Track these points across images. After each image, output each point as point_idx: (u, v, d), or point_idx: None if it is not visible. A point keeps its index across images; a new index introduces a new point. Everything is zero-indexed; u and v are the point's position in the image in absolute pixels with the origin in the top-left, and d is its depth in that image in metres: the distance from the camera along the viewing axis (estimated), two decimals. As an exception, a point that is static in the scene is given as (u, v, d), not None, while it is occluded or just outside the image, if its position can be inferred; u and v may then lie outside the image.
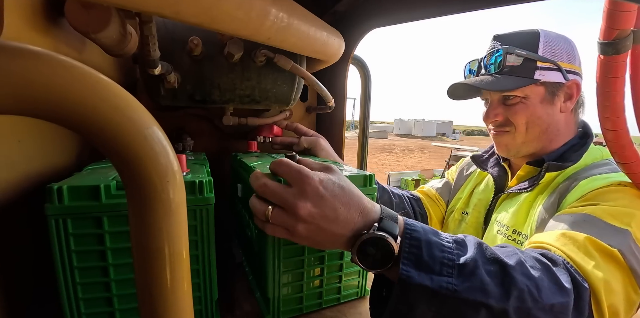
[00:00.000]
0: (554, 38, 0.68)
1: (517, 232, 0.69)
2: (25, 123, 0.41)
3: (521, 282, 0.38)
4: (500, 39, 0.72)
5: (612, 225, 0.51)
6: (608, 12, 0.44)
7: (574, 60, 0.69)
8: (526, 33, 0.69)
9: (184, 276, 0.24)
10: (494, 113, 0.74)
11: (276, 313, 0.48)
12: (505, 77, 0.68)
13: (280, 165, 0.39)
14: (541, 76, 0.67)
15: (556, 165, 0.68)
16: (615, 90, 0.50)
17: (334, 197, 0.38)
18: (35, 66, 0.18)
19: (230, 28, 0.42)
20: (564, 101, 0.70)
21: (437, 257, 0.36)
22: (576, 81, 0.69)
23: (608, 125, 0.53)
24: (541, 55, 0.67)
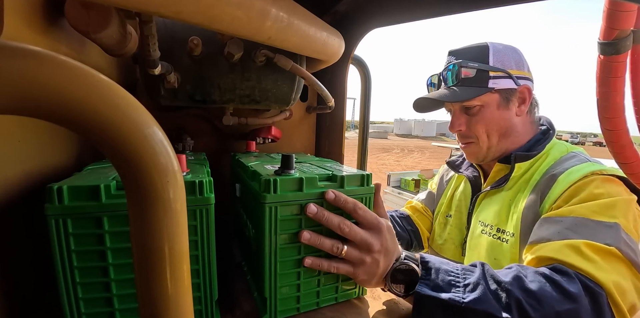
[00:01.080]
0: (501, 49, 0.75)
1: (501, 230, 0.72)
2: (25, 123, 0.41)
3: (517, 294, 0.45)
4: (455, 53, 0.79)
5: (601, 221, 0.57)
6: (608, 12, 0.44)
7: (522, 67, 0.76)
8: (477, 47, 0.76)
9: (184, 276, 0.24)
10: (457, 123, 0.79)
11: (273, 313, 0.48)
12: (462, 88, 0.74)
13: (360, 210, 0.47)
14: (494, 84, 0.73)
15: (523, 155, 0.74)
16: (615, 90, 0.50)
17: (391, 239, 0.49)
18: (35, 66, 0.18)
19: (230, 28, 0.42)
20: (518, 105, 0.77)
21: (446, 280, 0.47)
22: (527, 86, 0.75)
23: (608, 125, 0.53)
24: (492, 66, 0.74)
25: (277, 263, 0.46)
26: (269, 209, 0.44)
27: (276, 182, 0.44)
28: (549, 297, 0.46)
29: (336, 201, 0.46)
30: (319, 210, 0.45)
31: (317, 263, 0.47)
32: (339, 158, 1.04)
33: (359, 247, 0.47)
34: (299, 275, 0.48)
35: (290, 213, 0.45)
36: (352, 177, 0.49)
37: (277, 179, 0.44)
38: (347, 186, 0.49)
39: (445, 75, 0.77)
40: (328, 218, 0.46)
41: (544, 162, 0.72)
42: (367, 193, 0.51)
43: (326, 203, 0.47)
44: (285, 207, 0.45)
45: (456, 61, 0.75)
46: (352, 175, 0.49)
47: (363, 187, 0.50)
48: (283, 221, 0.45)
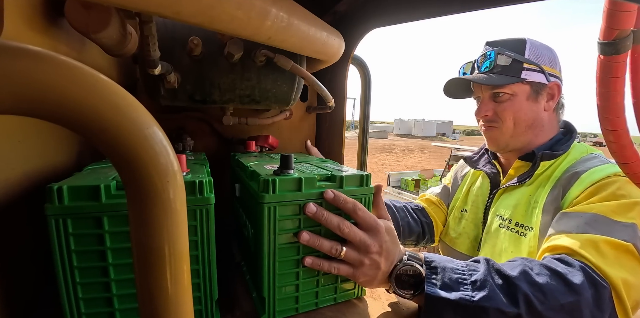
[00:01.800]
0: (538, 45, 0.78)
1: (520, 224, 0.73)
2: (25, 123, 0.41)
3: (525, 289, 0.46)
4: (492, 44, 0.81)
5: (619, 221, 0.58)
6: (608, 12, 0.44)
7: (555, 65, 0.78)
8: (515, 40, 0.79)
9: (184, 276, 0.24)
10: (485, 108, 0.81)
11: (272, 313, 0.48)
12: (495, 75, 0.76)
13: (359, 210, 0.47)
14: (527, 76, 0.75)
15: (549, 154, 0.75)
16: (615, 90, 0.50)
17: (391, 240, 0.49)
18: (35, 66, 0.18)
19: (230, 28, 0.42)
20: (546, 101, 0.79)
21: (453, 278, 0.47)
22: (557, 83, 0.77)
23: (608, 125, 0.53)
24: (527, 58, 0.75)
25: (275, 263, 0.46)
26: (268, 209, 0.44)
27: (275, 182, 0.44)
28: (554, 289, 0.47)
29: (335, 201, 0.46)
30: (319, 210, 0.45)
31: (318, 263, 0.47)
32: (339, 158, 1.04)
33: (357, 248, 0.47)
34: (298, 275, 0.48)
35: (289, 213, 0.45)
36: (351, 178, 0.49)
37: (275, 179, 0.44)
38: (346, 186, 0.49)
39: (481, 62, 0.79)
40: (327, 218, 0.46)
41: (565, 160, 0.74)
42: (366, 193, 0.50)
43: (325, 203, 0.47)
44: (284, 207, 0.45)
45: (493, 48, 0.77)
46: (351, 176, 0.49)
47: (362, 188, 0.50)
48: (282, 221, 0.45)
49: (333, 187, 0.48)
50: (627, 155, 0.54)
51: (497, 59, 0.75)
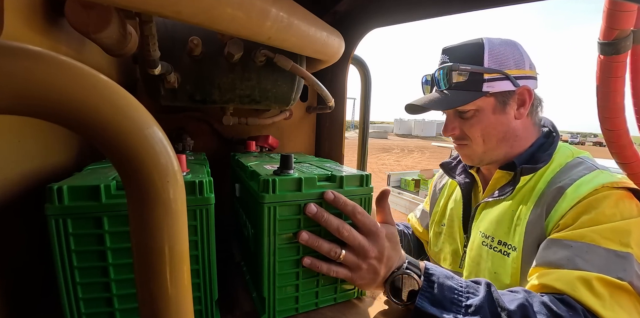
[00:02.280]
0: (498, 46, 0.68)
1: (503, 242, 0.68)
2: (25, 123, 0.41)
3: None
4: (448, 52, 0.73)
5: (613, 250, 0.53)
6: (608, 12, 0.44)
7: (522, 65, 0.69)
8: (471, 45, 0.70)
9: (184, 276, 0.24)
10: (451, 127, 0.75)
11: (272, 313, 0.48)
12: (454, 92, 0.69)
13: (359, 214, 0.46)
14: (489, 88, 0.67)
15: (529, 168, 0.68)
16: (615, 90, 0.50)
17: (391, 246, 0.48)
18: (35, 66, 0.18)
19: (230, 28, 0.42)
20: (517, 108, 0.71)
21: (448, 297, 0.45)
22: (527, 87, 0.69)
23: (608, 125, 0.53)
24: (487, 67, 0.67)
25: (275, 263, 0.46)
26: (268, 209, 0.44)
27: (275, 182, 0.44)
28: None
29: (335, 202, 0.45)
30: (319, 211, 0.45)
31: (316, 264, 0.46)
32: (339, 158, 1.04)
33: (356, 252, 0.46)
34: (298, 275, 0.48)
35: (289, 213, 0.45)
36: (351, 178, 0.49)
37: (275, 179, 0.44)
38: (346, 186, 0.49)
39: (437, 77, 0.73)
40: (327, 219, 0.45)
41: (549, 169, 0.68)
42: (366, 193, 0.50)
43: (325, 204, 0.47)
44: (284, 207, 0.45)
45: (447, 64, 0.70)
46: (351, 176, 0.49)
47: (362, 188, 0.50)
48: (282, 221, 0.45)
49: (333, 187, 0.48)
50: (627, 155, 0.54)
51: (451, 75, 0.68)
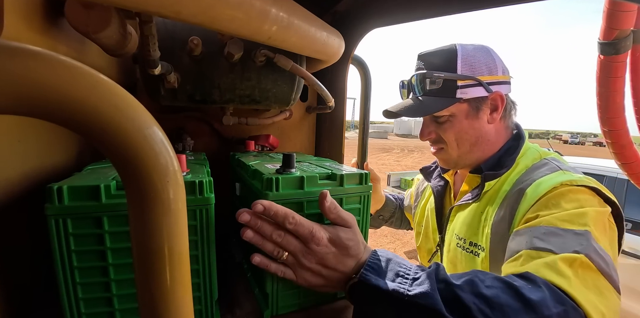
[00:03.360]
0: (471, 52, 0.70)
1: (473, 243, 0.70)
2: (25, 123, 0.41)
3: (468, 300, 0.39)
4: (423, 58, 0.75)
5: (570, 229, 0.52)
6: (608, 12, 0.44)
7: (495, 70, 0.71)
8: (445, 52, 0.72)
9: (184, 276, 0.24)
10: (427, 131, 0.78)
11: (275, 309, 0.48)
12: (429, 98, 0.71)
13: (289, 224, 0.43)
14: (463, 94, 0.69)
15: (491, 174, 0.70)
16: (615, 90, 0.50)
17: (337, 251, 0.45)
18: (35, 66, 0.18)
19: (230, 28, 0.42)
20: (490, 113, 0.73)
21: (394, 269, 0.42)
22: (499, 93, 0.71)
23: (608, 125, 0.53)
24: (460, 74, 0.69)
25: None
26: None
27: (278, 181, 0.44)
28: (505, 304, 0.39)
29: (266, 213, 0.42)
30: (252, 219, 0.43)
31: (265, 263, 0.44)
32: (339, 158, 1.04)
33: (295, 256, 0.44)
34: None
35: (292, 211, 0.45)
36: (351, 176, 0.50)
37: (279, 178, 0.44)
38: (346, 184, 0.49)
39: (413, 84, 0.75)
40: (261, 227, 0.43)
41: (514, 171, 0.70)
42: (365, 191, 0.51)
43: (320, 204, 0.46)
44: (287, 205, 0.45)
45: (421, 71, 0.72)
46: (351, 174, 0.50)
47: (361, 186, 0.51)
48: None
49: (334, 185, 0.48)
50: (627, 155, 0.54)
51: (425, 82, 0.70)
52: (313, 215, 0.48)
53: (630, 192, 2.17)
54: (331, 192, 0.48)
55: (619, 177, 2.22)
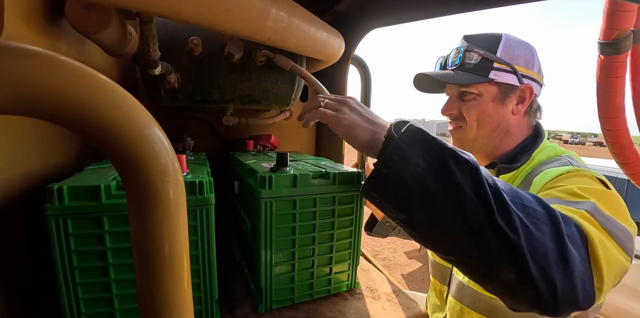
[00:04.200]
0: (514, 43, 0.72)
1: None
2: (25, 123, 0.41)
3: (492, 181, 0.40)
4: (468, 38, 0.76)
5: (574, 201, 0.51)
6: (608, 12, 0.44)
7: (532, 66, 0.73)
8: (490, 35, 0.73)
9: (184, 276, 0.24)
10: (450, 106, 0.77)
11: (269, 303, 0.50)
12: (463, 73, 0.72)
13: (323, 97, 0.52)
14: (495, 76, 0.70)
15: (505, 168, 0.71)
16: (615, 90, 0.50)
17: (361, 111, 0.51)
18: (35, 66, 0.18)
19: (230, 28, 0.42)
20: (516, 104, 0.73)
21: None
22: (530, 86, 0.72)
23: (608, 125, 0.53)
24: (498, 57, 0.70)
25: (272, 255, 0.48)
26: (265, 204, 0.45)
27: (271, 179, 0.45)
28: (525, 199, 0.40)
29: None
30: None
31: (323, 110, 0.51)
32: (339, 158, 1.04)
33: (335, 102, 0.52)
34: (294, 267, 0.50)
35: (285, 208, 0.47)
36: (344, 175, 0.51)
37: (272, 176, 0.46)
38: (340, 183, 0.50)
39: (452, 57, 0.75)
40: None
41: (528, 166, 0.70)
42: (358, 190, 0.52)
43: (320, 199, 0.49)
44: (280, 202, 0.46)
45: (465, 44, 0.74)
46: (344, 173, 0.51)
47: (355, 185, 0.52)
48: (278, 215, 0.47)
49: (327, 184, 0.49)
50: (627, 155, 0.54)
51: (465, 56, 0.72)
52: (307, 213, 0.49)
53: (630, 192, 2.17)
54: (324, 191, 0.49)
55: (619, 177, 2.21)
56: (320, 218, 0.50)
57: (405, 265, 3.46)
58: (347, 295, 0.56)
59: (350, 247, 0.54)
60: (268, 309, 0.50)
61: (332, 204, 0.50)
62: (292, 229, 0.48)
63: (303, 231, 0.49)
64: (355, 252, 0.55)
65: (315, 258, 0.51)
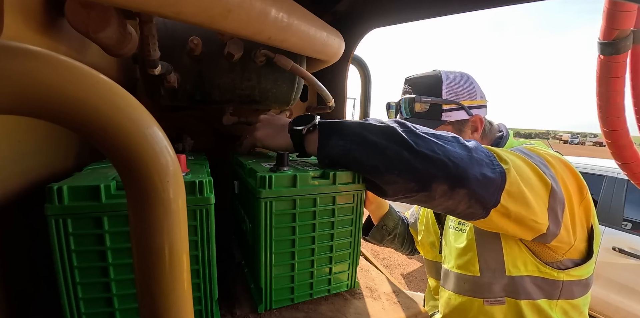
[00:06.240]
0: (454, 79, 0.78)
1: (462, 223, 0.77)
2: (25, 123, 0.41)
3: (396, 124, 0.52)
4: (410, 82, 0.83)
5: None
6: (608, 12, 0.44)
7: (475, 96, 0.80)
8: (430, 77, 0.80)
9: (184, 276, 0.24)
10: None
11: (269, 303, 0.50)
12: (416, 121, 0.78)
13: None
14: (447, 117, 0.77)
15: None
16: (615, 90, 0.50)
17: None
18: (35, 66, 0.18)
19: (230, 28, 0.42)
20: (471, 133, 0.81)
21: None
22: (479, 116, 0.80)
23: (608, 125, 0.53)
24: (445, 99, 0.77)
25: (272, 255, 0.48)
26: (265, 204, 0.45)
27: (271, 179, 0.46)
28: (437, 132, 0.52)
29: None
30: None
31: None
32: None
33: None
34: (294, 267, 0.50)
35: (285, 207, 0.47)
36: (344, 174, 0.51)
37: (272, 176, 0.46)
38: (339, 183, 0.50)
39: (401, 106, 0.82)
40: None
41: None
42: (359, 190, 0.52)
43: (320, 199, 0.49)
44: (279, 202, 0.46)
45: (410, 95, 0.80)
46: (344, 172, 0.51)
47: (355, 184, 0.52)
48: (278, 215, 0.47)
49: (326, 183, 0.50)
50: (627, 155, 0.54)
51: (414, 106, 0.78)
52: (306, 213, 0.49)
53: (630, 192, 2.17)
54: (324, 190, 0.49)
55: (619, 177, 2.21)
56: (320, 218, 0.50)
57: (405, 265, 3.46)
58: (347, 295, 0.56)
59: (350, 246, 0.54)
60: (268, 309, 0.50)
61: (331, 204, 0.50)
62: (292, 229, 0.48)
63: (303, 231, 0.49)
64: (355, 251, 0.55)
65: (315, 258, 0.51)
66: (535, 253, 0.63)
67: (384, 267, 0.94)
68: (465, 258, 0.69)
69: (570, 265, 0.63)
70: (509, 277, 0.64)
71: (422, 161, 0.47)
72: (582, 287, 0.65)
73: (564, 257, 0.63)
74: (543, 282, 0.63)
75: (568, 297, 0.64)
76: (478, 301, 0.67)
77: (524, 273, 0.63)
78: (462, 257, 0.70)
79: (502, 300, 0.65)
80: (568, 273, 0.63)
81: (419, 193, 0.50)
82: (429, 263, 0.90)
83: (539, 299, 0.63)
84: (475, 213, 0.52)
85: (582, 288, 0.65)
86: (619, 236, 2.10)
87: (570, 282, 0.63)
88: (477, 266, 0.67)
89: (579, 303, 0.66)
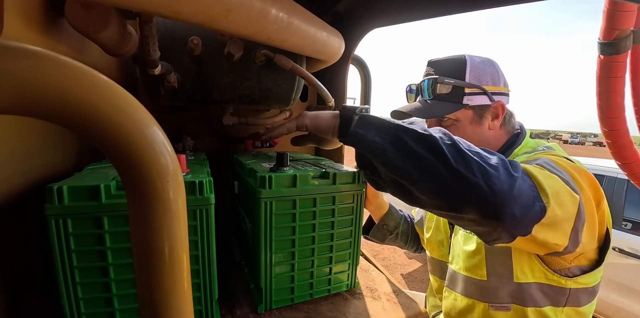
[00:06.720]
0: (478, 63, 0.76)
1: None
2: (25, 123, 0.41)
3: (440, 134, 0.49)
4: (433, 65, 0.80)
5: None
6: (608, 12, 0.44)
7: (498, 82, 0.77)
8: (454, 60, 0.77)
9: (184, 276, 0.24)
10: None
11: (269, 303, 0.50)
12: (437, 103, 0.77)
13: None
14: (469, 101, 0.75)
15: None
16: (615, 90, 0.50)
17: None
18: (35, 66, 0.18)
19: (230, 28, 0.42)
20: (491, 120, 0.78)
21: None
22: (501, 102, 0.77)
23: (608, 125, 0.53)
24: (468, 82, 0.75)
25: (272, 255, 0.48)
26: (264, 204, 0.46)
27: (271, 179, 0.46)
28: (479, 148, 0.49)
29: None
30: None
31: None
32: (339, 158, 1.04)
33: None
34: (294, 266, 0.50)
35: (285, 207, 0.47)
36: (343, 174, 0.51)
37: (272, 176, 0.46)
38: (339, 183, 0.50)
39: (422, 88, 0.79)
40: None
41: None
42: (358, 189, 0.53)
43: (320, 199, 0.49)
44: (279, 202, 0.47)
45: (433, 76, 0.77)
46: (344, 172, 0.51)
47: (355, 184, 0.52)
48: (278, 215, 0.47)
49: (326, 184, 0.50)
50: (627, 155, 0.54)
51: (436, 87, 0.76)
52: (306, 213, 0.49)
53: (630, 192, 2.17)
54: (324, 190, 0.49)
55: (619, 177, 2.21)
56: (320, 218, 0.50)
57: (405, 265, 3.46)
58: (347, 295, 0.56)
59: (350, 246, 0.54)
60: (268, 309, 0.50)
61: (331, 204, 0.50)
62: (292, 229, 0.48)
63: (303, 231, 0.49)
64: (355, 251, 0.55)
65: (315, 258, 0.52)
66: (544, 260, 0.62)
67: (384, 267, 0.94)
68: (473, 261, 0.68)
69: (577, 272, 0.63)
70: (517, 284, 0.63)
71: (456, 180, 0.44)
72: (588, 295, 0.64)
73: (572, 264, 0.62)
74: (550, 289, 0.62)
75: (574, 305, 0.63)
76: (484, 305, 0.66)
77: (531, 280, 0.62)
78: (469, 259, 0.69)
79: (508, 307, 0.64)
80: (576, 280, 0.62)
81: (447, 212, 0.48)
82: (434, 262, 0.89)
83: (544, 306, 0.63)
84: (499, 240, 0.50)
85: (588, 296, 0.64)
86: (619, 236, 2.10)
87: (577, 289, 0.63)
88: (484, 270, 0.66)
89: (585, 311, 0.65)
